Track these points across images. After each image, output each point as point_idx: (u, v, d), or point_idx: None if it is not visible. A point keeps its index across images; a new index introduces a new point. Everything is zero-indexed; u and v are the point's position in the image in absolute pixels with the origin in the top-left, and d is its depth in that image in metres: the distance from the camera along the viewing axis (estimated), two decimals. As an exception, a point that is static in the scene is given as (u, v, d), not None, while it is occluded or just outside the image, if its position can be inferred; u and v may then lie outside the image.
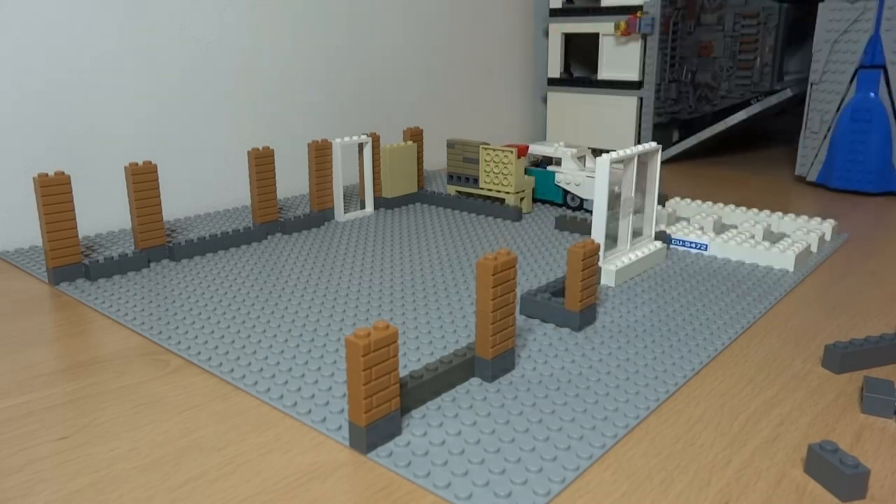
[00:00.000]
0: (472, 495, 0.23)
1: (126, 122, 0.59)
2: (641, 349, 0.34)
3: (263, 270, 0.46)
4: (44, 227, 0.43)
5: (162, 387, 0.31)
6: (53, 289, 0.43)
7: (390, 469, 0.25)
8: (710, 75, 0.95)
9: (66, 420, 0.28)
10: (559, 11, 0.89)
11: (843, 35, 0.71)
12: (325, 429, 0.27)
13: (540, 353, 0.34)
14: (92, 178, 0.56)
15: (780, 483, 0.24)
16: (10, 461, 0.26)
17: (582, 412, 0.28)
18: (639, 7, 0.81)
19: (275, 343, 0.35)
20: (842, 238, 0.53)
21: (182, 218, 0.60)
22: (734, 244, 0.48)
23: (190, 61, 0.62)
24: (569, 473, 0.24)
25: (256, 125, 0.68)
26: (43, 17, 0.53)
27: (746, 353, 0.34)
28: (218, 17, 0.63)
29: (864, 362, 0.32)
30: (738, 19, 0.95)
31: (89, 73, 0.56)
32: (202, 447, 0.26)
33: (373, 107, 0.79)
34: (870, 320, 0.38)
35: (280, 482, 0.24)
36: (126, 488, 0.24)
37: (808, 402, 0.30)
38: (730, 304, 0.40)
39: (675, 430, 0.27)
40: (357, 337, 0.24)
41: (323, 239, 0.53)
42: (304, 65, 0.71)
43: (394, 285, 0.43)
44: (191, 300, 0.41)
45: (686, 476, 0.24)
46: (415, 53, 0.83)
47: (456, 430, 0.27)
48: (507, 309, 0.30)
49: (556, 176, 0.63)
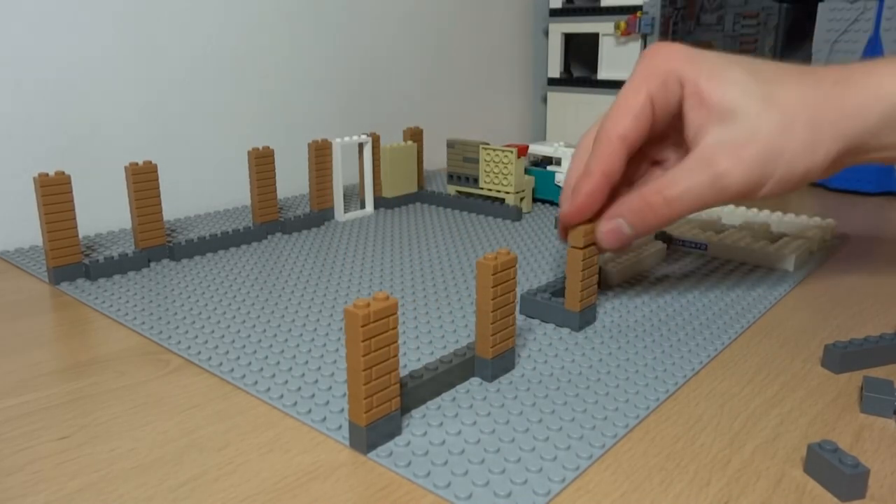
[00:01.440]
0: (472, 495, 0.23)
1: (126, 122, 0.59)
2: (641, 349, 0.34)
3: (263, 270, 0.46)
4: (44, 226, 0.43)
5: (162, 387, 0.31)
6: (53, 288, 0.43)
7: (390, 469, 0.25)
8: (710, 75, 0.95)
9: (66, 420, 0.28)
10: (559, 11, 0.89)
11: (842, 35, 0.71)
12: (325, 428, 0.27)
13: (540, 353, 0.34)
14: (92, 178, 0.56)
15: (779, 483, 0.24)
16: (10, 461, 0.26)
17: (582, 412, 0.28)
18: (639, 7, 0.81)
19: (275, 343, 0.35)
20: (842, 238, 0.53)
21: (182, 218, 0.60)
22: (734, 244, 0.48)
23: (190, 61, 0.62)
24: (569, 473, 0.24)
25: (256, 125, 0.68)
26: (43, 17, 0.53)
27: (746, 352, 0.34)
28: (218, 16, 0.63)
29: (863, 362, 0.32)
30: (738, 19, 0.95)
31: (90, 72, 0.56)
32: (202, 447, 0.26)
33: (373, 107, 0.79)
34: (870, 320, 0.38)
35: (280, 482, 0.24)
36: (126, 488, 0.24)
37: (807, 401, 0.30)
38: (729, 303, 0.40)
39: (675, 430, 0.27)
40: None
41: (323, 239, 0.53)
42: (305, 65, 0.71)
43: (393, 285, 0.43)
44: (191, 300, 0.41)
45: (686, 476, 0.25)
46: (415, 53, 0.83)
47: (456, 430, 0.27)
48: (507, 309, 0.30)
49: (555, 176, 0.63)
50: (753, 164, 0.31)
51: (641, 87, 0.33)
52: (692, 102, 0.33)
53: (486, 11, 0.91)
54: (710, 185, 0.32)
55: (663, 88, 0.33)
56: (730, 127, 0.32)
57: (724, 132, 0.32)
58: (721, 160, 0.31)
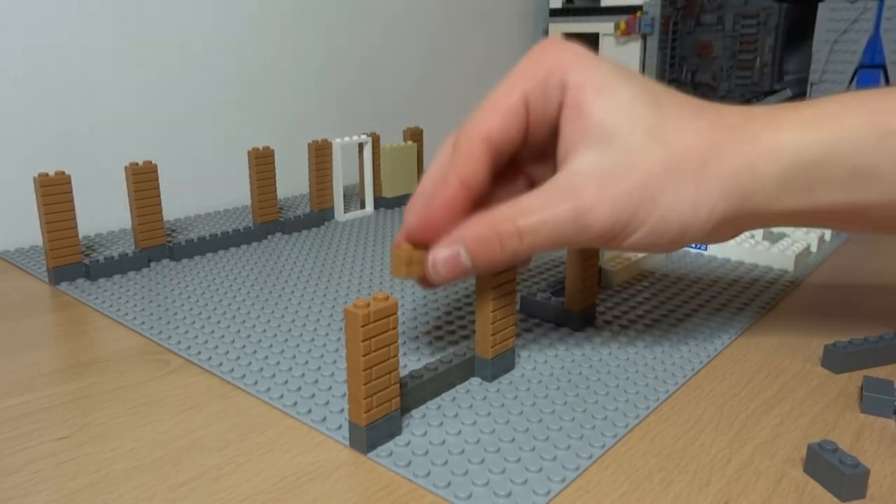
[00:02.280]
0: (472, 495, 0.23)
1: (126, 121, 0.59)
2: (641, 349, 0.34)
3: (263, 270, 0.46)
4: (44, 226, 0.43)
5: (162, 387, 0.31)
6: (53, 288, 0.43)
7: (390, 469, 0.25)
8: (709, 75, 0.95)
9: (66, 420, 0.28)
10: (559, 11, 0.89)
11: (842, 35, 0.71)
12: (325, 428, 0.27)
13: (540, 353, 0.34)
14: (92, 178, 0.55)
15: (779, 483, 0.24)
16: (10, 461, 0.26)
17: (582, 412, 0.28)
18: (639, 7, 0.81)
19: (275, 343, 0.35)
20: (842, 238, 0.53)
21: (182, 218, 0.60)
22: (734, 244, 0.48)
23: (190, 61, 0.62)
24: (569, 473, 0.24)
25: (256, 125, 0.68)
26: (43, 16, 0.53)
27: (746, 352, 0.34)
28: (219, 16, 0.63)
29: (863, 362, 0.32)
30: (738, 19, 0.95)
31: (89, 72, 0.56)
32: (202, 447, 0.26)
33: (373, 107, 0.79)
34: (870, 320, 0.38)
35: (280, 482, 0.24)
36: (126, 488, 0.24)
37: (807, 401, 0.30)
38: (729, 303, 0.40)
39: (675, 430, 0.27)
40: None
41: (323, 239, 0.53)
42: (305, 65, 0.71)
43: (394, 285, 0.43)
44: (191, 300, 0.41)
45: (686, 476, 0.25)
46: (415, 53, 0.83)
47: (456, 430, 0.27)
48: (507, 309, 0.30)
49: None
50: (622, 204, 0.26)
51: (516, 84, 0.27)
52: (571, 114, 0.27)
53: (486, 11, 0.91)
54: (573, 219, 0.26)
55: (542, 90, 0.27)
56: (605, 154, 0.26)
57: (597, 159, 0.26)
58: (588, 192, 0.26)
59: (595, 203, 0.26)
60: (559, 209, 0.26)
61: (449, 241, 0.27)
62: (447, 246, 0.27)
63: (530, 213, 0.26)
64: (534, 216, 0.26)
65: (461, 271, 0.27)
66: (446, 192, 0.27)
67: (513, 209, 0.27)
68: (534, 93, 0.27)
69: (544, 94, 0.27)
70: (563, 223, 0.26)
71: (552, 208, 0.26)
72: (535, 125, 0.28)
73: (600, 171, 0.26)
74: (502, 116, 0.27)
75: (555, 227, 0.26)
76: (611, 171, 0.26)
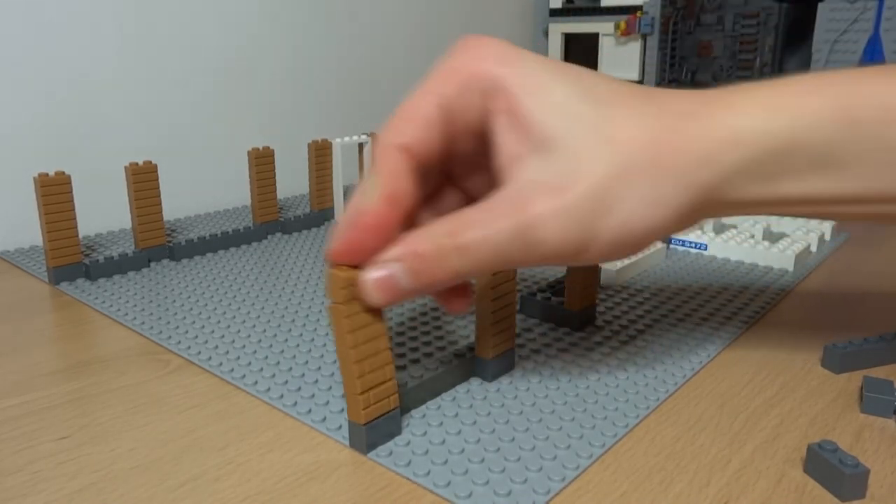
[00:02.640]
0: (472, 494, 0.23)
1: (126, 121, 0.59)
2: (641, 349, 0.34)
3: (263, 270, 0.46)
4: (44, 226, 0.43)
5: (162, 387, 0.31)
6: (54, 288, 0.43)
7: (390, 468, 0.25)
8: (709, 75, 0.95)
9: (66, 420, 0.28)
10: (559, 11, 0.89)
11: (842, 35, 0.71)
12: (325, 428, 0.27)
13: (540, 353, 0.34)
14: (92, 178, 0.55)
15: (779, 483, 0.24)
16: (10, 461, 0.26)
17: (582, 412, 0.28)
18: (639, 7, 0.81)
19: (275, 343, 0.35)
20: (842, 238, 0.53)
21: (182, 218, 0.60)
22: (734, 244, 0.48)
23: (190, 61, 0.62)
24: (569, 472, 0.24)
25: (256, 125, 0.68)
26: (43, 17, 0.53)
27: (746, 352, 0.34)
28: (219, 16, 0.63)
29: (863, 362, 0.32)
30: (738, 19, 0.95)
31: (90, 72, 0.56)
32: (202, 447, 0.26)
33: (373, 107, 0.79)
34: (870, 320, 0.38)
35: (280, 482, 0.24)
36: (126, 488, 0.24)
37: (807, 401, 0.30)
38: (729, 303, 0.40)
39: (675, 430, 0.27)
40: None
41: (323, 239, 0.53)
42: (305, 65, 0.71)
43: (394, 285, 0.43)
44: (191, 300, 0.41)
45: (686, 476, 0.25)
46: (415, 53, 0.83)
47: (456, 430, 0.27)
48: (508, 309, 0.30)
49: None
50: (575, 217, 0.23)
51: (433, 89, 0.25)
52: (505, 122, 0.24)
53: (486, 11, 0.91)
54: (518, 235, 0.23)
55: (463, 94, 0.25)
56: (548, 162, 0.24)
57: (540, 169, 0.24)
58: (534, 204, 0.23)
59: (543, 218, 0.23)
60: (503, 224, 0.23)
61: (381, 261, 0.24)
62: (379, 266, 0.24)
63: (470, 227, 0.24)
64: (474, 231, 0.24)
65: (397, 293, 0.24)
66: (369, 211, 0.24)
67: (455, 222, 0.24)
68: (455, 99, 0.25)
69: (465, 103, 0.25)
70: (507, 240, 0.23)
71: (495, 224, 0.23)
72: (460, 135, 0.26)
73: (544, 182, 0.24)
74: (417, 124, 0.25)
75: (497, 245, 0.24)
76: (556, 181, 0.24)
